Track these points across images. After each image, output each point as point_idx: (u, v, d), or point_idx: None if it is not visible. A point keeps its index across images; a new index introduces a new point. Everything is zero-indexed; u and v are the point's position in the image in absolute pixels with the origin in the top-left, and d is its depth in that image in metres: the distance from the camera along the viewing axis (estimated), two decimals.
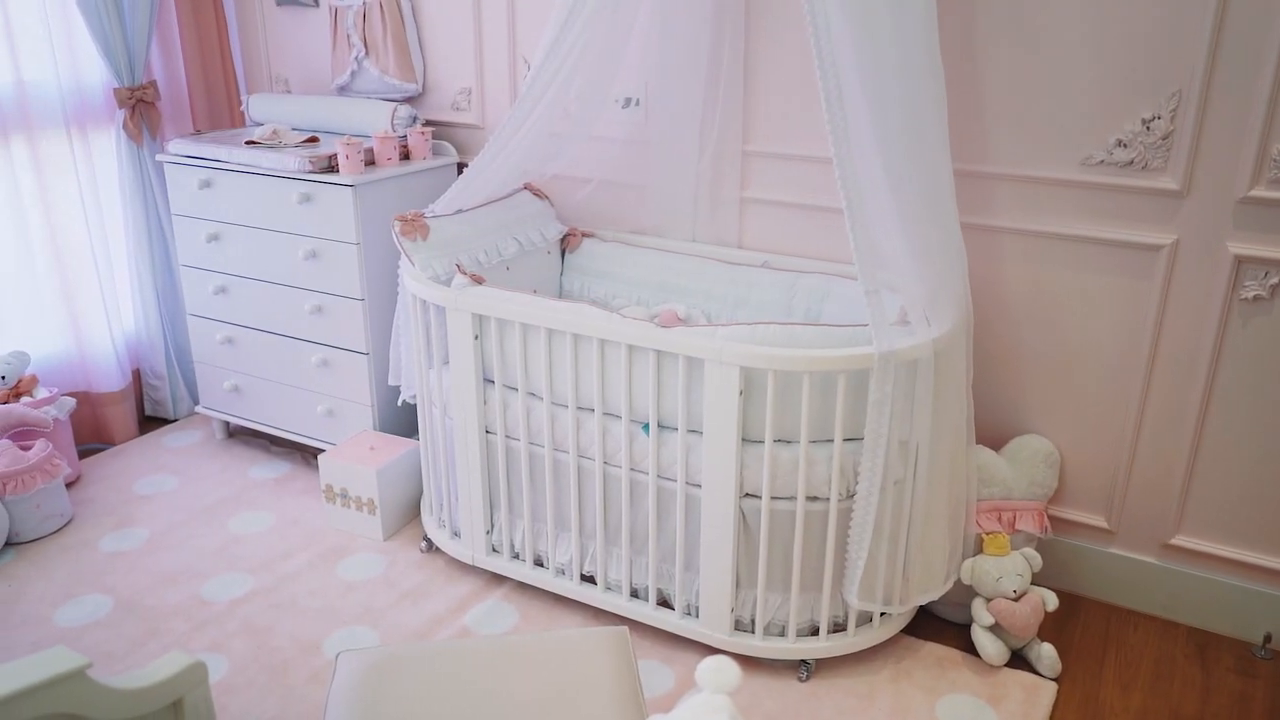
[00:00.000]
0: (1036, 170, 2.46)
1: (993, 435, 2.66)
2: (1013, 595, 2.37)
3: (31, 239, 3.28)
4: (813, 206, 2.78)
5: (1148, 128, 2.32)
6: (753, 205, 2.89)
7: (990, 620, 2.37)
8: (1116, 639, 2.54)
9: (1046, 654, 2.38)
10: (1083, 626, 2.58)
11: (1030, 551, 2.43)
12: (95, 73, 3.36)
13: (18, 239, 3.26)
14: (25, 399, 3.11)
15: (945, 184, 2.27)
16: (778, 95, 2.75)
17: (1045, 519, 2.56)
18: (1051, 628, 2.52)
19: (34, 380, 3.18)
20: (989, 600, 2.39)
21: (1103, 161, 2.39)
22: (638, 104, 2.95)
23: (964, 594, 2.45)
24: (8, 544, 2.89)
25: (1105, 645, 2.52)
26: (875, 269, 2.09)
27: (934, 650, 2.46)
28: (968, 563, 2.42)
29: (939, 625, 2.55)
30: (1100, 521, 2.65)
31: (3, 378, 3.09)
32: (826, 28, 2.00)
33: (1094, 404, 2.57)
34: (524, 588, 2.69)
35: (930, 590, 2.40)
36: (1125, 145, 2.35)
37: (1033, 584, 2.43)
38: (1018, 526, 2.51)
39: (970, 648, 2.44)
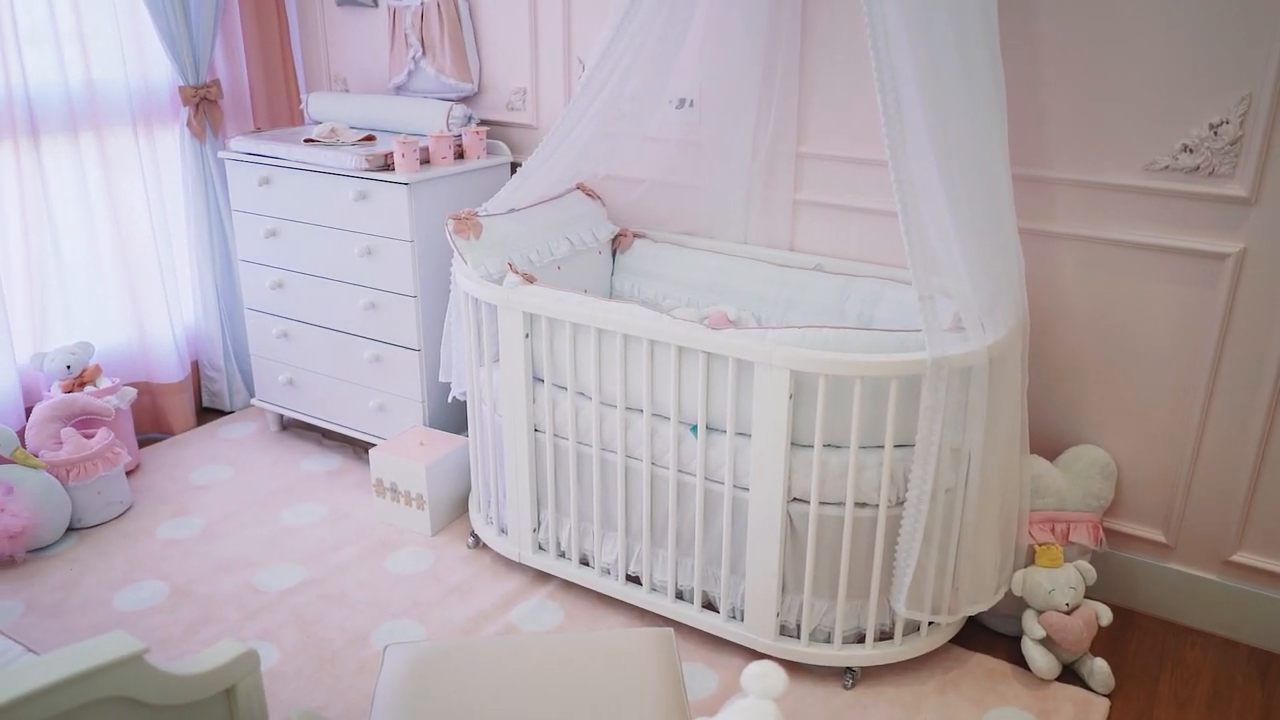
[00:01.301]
0: (1098, 175, 2.41)
1: (1047, 445, 2.61)
2: (1065, 608, 2.33)
3: (98, 233, 3.37)
4: (866, 209, 2.75)
5: (1215, 132, 2.26)
6: (805, 207, 2.87)
7: (1041, 633, 2.33)
8: (1173, 657, 2.48)
9: (1099, 669, 2.33)
10: (1137, 643, 2.53)
11: (1084, 564, 2.39)
12: (161, 72, 3.44)
13: (85, 233, 3.35)
14: (89, 388, 3.20)
15: (1003, 188, 2.23)
16: (833, 96, 2.73)
17: (1100, 531, 2.51)
18: (1105, 643, 2.47)
19: (98, 370, 3.27)
20: (1040, 613, 2.35)
21: (1167, 167, 2.33)
22: (691, 105, 2.95)
23: (1015, 605, 2.41)
24: (70, 529, 2.97)
25: (1161, 663, 2.46)
26: (929, 274, 2.06)
27: (983, 662, 2.42)
28: (1019, 574, 2.38)
29: (988, 637, 2.51)
30: (1158, 536, 2.59)
31: (68, 367, 3.18)
32: (884, 28, 1.98)
33: (1154, 415, 2.51)
34: (569, 586, 2.69)
35: (980, 601, 2.36)
36: (1191, 150, 2.30)
37: (1086, 597, 2.38)
38: (1071, 538, 2.46)
39: (1020, 660, 2.40)
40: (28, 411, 3.19)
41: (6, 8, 2.99)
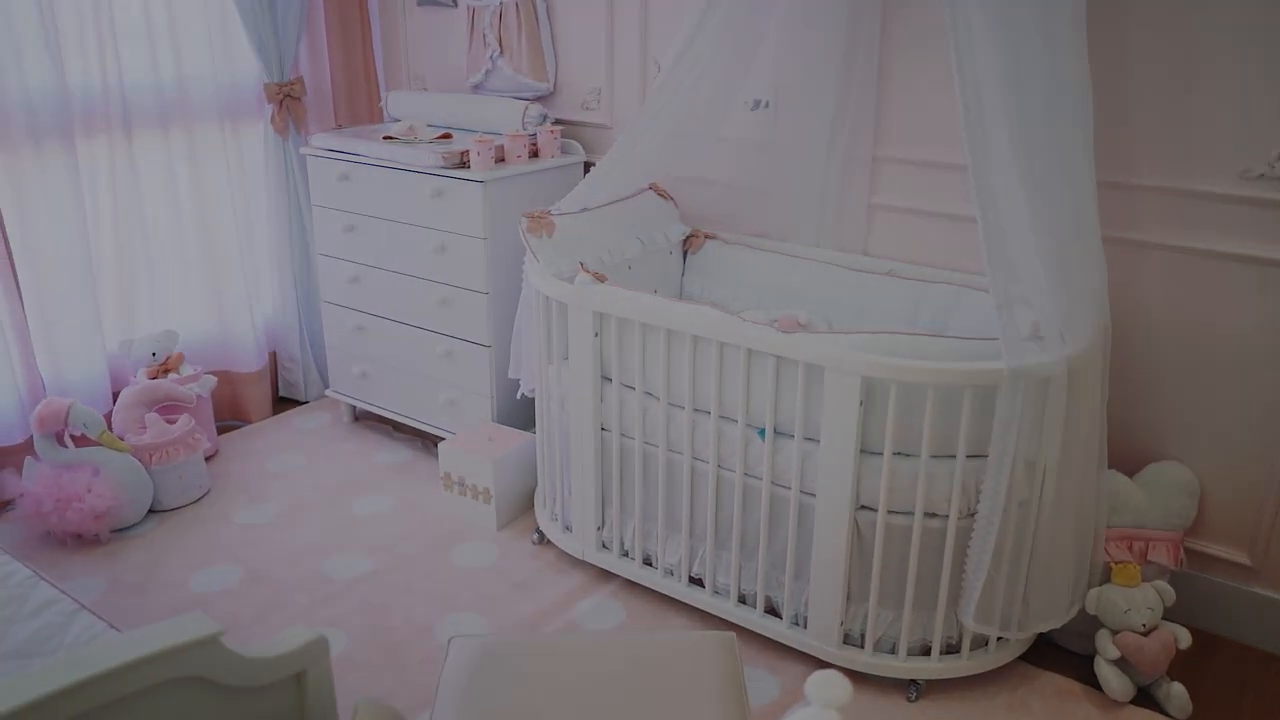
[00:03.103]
0: (1188, 183, 2.33)
1: (1128, 460, 2.53)
2: (1141, 629, 2.26)
3: (184, 225, 3.48)
4: (944, 215, 2.70)
5: None
6: (881, 211, 2.82)
7: (1116, 654, 2.26)
8: (1255, 684, 2.39)
9: (1177, 694, 2.25)
10: (1217, 668, 2.44)
11: (1163, 584, 2.31)
12: (248, 70, 3.53)
13: (172, 225, 3.45)
14: (172, 376, 3.31)
15: (1087, 195, 2.17)
16: (912, 99, 2.69)
17: (1180, 551, 2.42)
18: (1183, 667, 2.38)
19: (180, 358, 3.37)
20: (1115, 633, 2.28)
21: (1263, 175, 2.25)
22: (767, 106, 2.93)
23: (1088, 624, 2.34)
24: (151, 511, 3.07)
25: (1242, 690, 2.37)
26: (1008, 281, 2.02)
27: (1053, 680, 2.36)
28: (1094, 591, 2.31)
29: (1060, 655, 2.45)
30: (1242, 558, 2.49)
31: (154, 355, 3.29)
32: (967, 30, 1.94)
33: (1241, 432, 2.42)
34: (632, 585, 2.70)
35: (1052, 617, 2.30)
36: None
37: (1164, 619, 2.30)
38: (1150, 557, 2.38)
39: (1093, 681, 2.33)
40: (115, 396, 3.31)
41: (105, 6, 3.11)
